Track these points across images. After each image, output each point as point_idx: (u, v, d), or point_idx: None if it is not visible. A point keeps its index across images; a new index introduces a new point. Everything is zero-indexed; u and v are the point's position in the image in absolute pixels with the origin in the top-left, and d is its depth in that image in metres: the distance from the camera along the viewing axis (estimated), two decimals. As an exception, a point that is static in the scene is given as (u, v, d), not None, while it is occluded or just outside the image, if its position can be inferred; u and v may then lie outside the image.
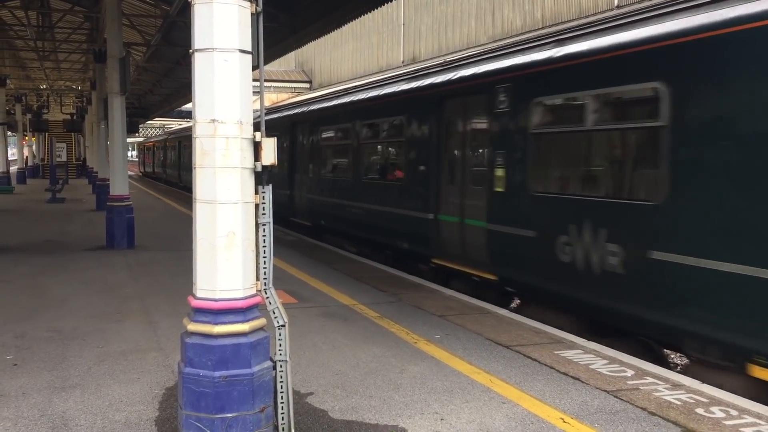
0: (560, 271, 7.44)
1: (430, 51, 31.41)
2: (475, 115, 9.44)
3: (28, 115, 41.19)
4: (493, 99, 8.72)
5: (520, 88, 8.29)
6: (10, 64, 32.43)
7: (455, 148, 9.98)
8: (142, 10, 20.68)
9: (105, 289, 9.24)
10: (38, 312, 7.88)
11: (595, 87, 7.12)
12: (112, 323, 7.39)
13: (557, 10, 23.27)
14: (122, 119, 13.86)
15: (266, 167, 4.15)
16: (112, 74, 13.72)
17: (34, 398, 5.13)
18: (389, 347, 6.53)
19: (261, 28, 4.18)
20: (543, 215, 7.82)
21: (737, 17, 5.71)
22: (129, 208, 13.66)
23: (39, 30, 22.04)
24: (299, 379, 5.54)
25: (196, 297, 4.11)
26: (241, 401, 4.00)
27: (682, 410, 4.94)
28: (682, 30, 6.22)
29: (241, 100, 4.04)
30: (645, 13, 7.00)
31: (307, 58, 46.62)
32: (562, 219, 7.45)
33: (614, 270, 6.71)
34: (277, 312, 4.36)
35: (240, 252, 4.08)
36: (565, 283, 7.45)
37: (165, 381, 5.53)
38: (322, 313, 7.89)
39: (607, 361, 6.14)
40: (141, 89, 35.92)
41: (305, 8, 15.09)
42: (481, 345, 6.63)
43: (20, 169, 40.01)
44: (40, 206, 23.06)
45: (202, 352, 4.00)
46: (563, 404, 5.10)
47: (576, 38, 7.78)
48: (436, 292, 9.26)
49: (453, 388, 5.43)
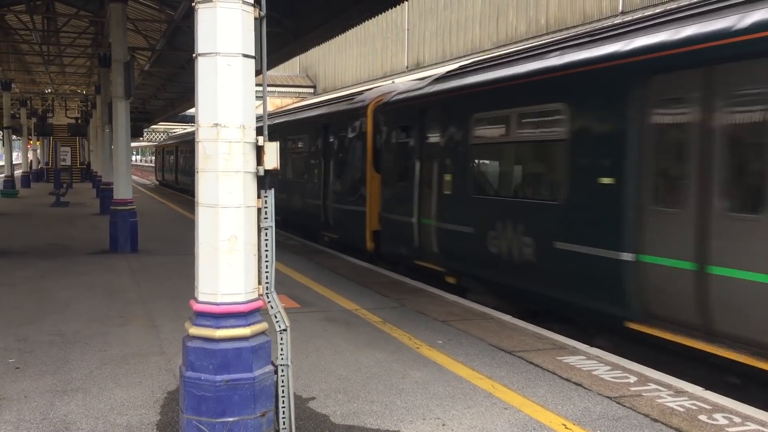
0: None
1: (434, 56, 31.44)
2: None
3: (33, 119, 41.34)
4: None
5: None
6: (16, 68, 32.56)
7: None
8: (147, 14, 20.76)
9: (108, 293, 9.25)
10: (41, 315, 7.89)
11: (517, 105, 8.49)
12: (115, 327, 7.40)
13: (561, 16, 23.29)
14: (126, 123, 13.89)
15: (268, 171, 4.16)
16: (116, 79, 13.75)
17: (36, 402, 5.13)
18: (392, 352, 6.52)
19: (264, 32, 4.19)
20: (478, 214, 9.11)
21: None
22: (132, 212, 13.69)
23: (44, 34, 22.13)
24: (301, 383, 5.53)
25: (198, 301, 4.12)
26: (243, 405, 4.00)
27: (685, 417, 4.92)
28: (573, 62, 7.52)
29: (244, 105, 4.05)
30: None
31: (312, 63, 46.70)
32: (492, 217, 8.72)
33: (529, 258, 7.91)
34: (278, 316, 4.36)
35: (242, 256, 4.08)
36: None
37: (167, 385, 5.52)
38: (325, 318, 7.88)
39: (609, 367, 6.11)
40: (145, 94, 36.03)
41: (310, 13, 15.12)
42: (484, 350, 6.62)
43: (25, 172, 40.07)
44: (44, 210, 23.12)
45: (204, 356, 4.00)
46: (565, 410, 5.08)
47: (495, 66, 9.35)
48: (439, 297, 9.25)
49: (455, 393, 5.42)
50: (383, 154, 12.29)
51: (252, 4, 4.08)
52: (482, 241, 8.87)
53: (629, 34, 7.08)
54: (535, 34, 24.07)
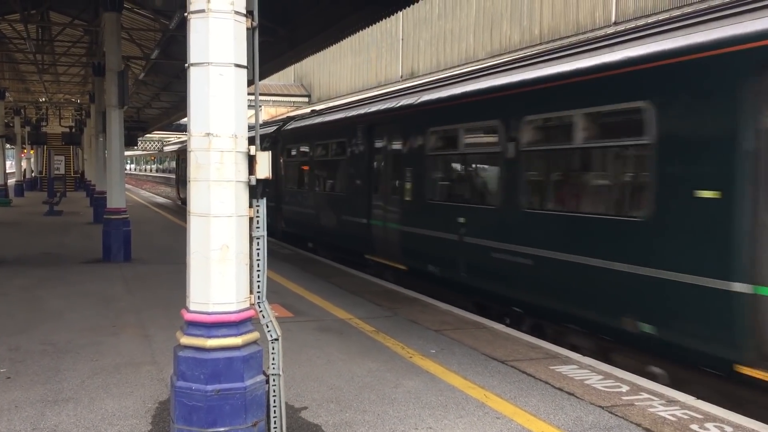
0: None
1: (428, 66, 31.56)
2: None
3: (26, 128, 41.27)
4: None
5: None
6: (10, 77, 32.50)
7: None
8: (141, 24, 20.77)
9: (101, 302, 9.22)
10: (33, 325, 7.85)
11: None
12: (107, 336, 7.37)
13: (555, 26, 23.42)
14: (120, 132, 13.89)
15: (260, 181, 4.16)
16: (110, 88, 13.75)
17: (27, 411, 5.10)
18: (384, 362, 6.51)
19: (256, 42, 4.21)
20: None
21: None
22: (126, 221, 13.66)
23: (38, 43, 22.12)
24: (293, 393, 5.52)
25: (190, 310, 4.11)
26: (233, 415, 3.99)
27: (677, 426, 4.92)
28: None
29: (236, 114, 4.06)
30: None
31: (306, 72, 46.81)
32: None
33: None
34: (270, 326, 4.36)
35: (233, 265, 4.08)
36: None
37: (158, 395, 5.50)
38: (318, 327, 7.87)
39: (602, 376, 6.12)
40: (140, 103, 36.01)
41: (304, 23, 15.16)
42: (477, 360, 6.62)
43: (18, 181, 40.01)
44: (37, 219, 23.04)
45: (195, 365, 4.00)
46: (557, 420, 5.08)
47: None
48: (432, 306, 9.24)
49: (447, 403, 5.41)
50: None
51: (244, 15, 4.09)
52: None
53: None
54: (529, 43, 24.21)
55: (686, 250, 5.94)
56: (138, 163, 70.41)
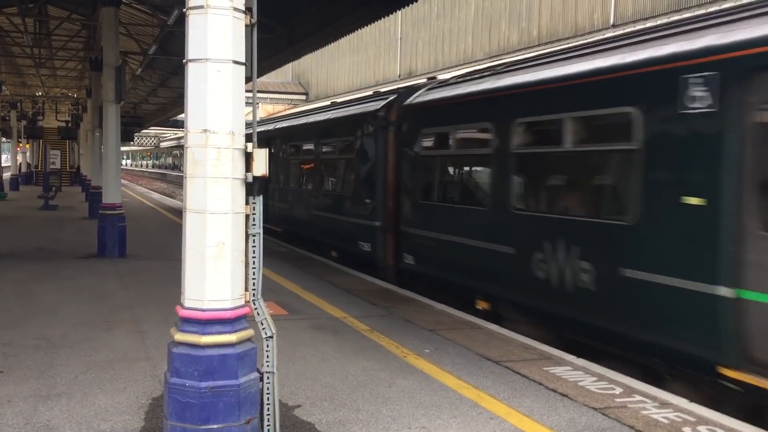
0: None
1: (426, 66, 31.53)
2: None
3: (23, 122, 41.12)
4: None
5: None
6: (7, 71, 32.42)
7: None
8: (139, 19, 20.72)
9: (95, 298, 9.20)
10: (27, 319, 7.83)
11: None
12: (101, 332, 7.36)
13: (553, 27, 23.44)
14: (117, 127, 13.85)
15: (257, 178, 4.16)
16: (107, 82, 13.73)
17: (20, 406, 5.09)
18: (378, 361, 6.51)
19: (255, 39, 4.20)
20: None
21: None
22: (121, 216, 13.63)
23: (36, 37, 22.06)
24: (287, 391, 5.52)
25: (184, 307, 4.10)
26: (227, 413, 3.98)
27: (669, 429, 4.93)
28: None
29: (234, 111, 4.05)
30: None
31: (304, 71, 46.73)
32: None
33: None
34: (265, 323, 4.35)
35: (229, 262, 4.07)
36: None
37: (152, 391, 5.49)
38: (313, 326, 7.86)
39: (595, 378, 6.13)
40: (137, 98, 35.93)
41: (302, 21, 15.15)
42: (471, 360, 6.62)
43: (13, 175, 39.87)
44: (32, 213, 22.99)
45: (189, 362, 3.99)
46: (551, 421, 5.09)
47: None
48: (427, 306, 9.25)
49: (441, 402, 5.41)
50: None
51: (243, 12, 4.08)
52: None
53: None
54: (527, 45, 24.21)
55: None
56: (134, 159, 70.15)
